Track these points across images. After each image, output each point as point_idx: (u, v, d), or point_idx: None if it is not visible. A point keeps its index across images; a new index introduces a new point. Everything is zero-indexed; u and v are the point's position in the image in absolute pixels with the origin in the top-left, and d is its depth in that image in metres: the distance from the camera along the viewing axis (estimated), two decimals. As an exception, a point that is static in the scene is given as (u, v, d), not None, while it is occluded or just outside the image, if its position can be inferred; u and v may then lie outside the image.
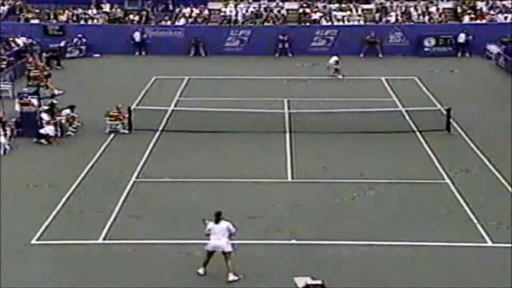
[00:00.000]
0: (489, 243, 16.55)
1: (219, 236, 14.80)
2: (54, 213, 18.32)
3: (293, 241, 16.58)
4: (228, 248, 14.85)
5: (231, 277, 14.76)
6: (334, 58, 34.61)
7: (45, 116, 24.84)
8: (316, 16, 41.99)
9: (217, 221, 14.94)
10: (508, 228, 17.19)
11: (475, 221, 17.71)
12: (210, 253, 14.98)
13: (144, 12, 42.67)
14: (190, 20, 42.36)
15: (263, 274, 15.11)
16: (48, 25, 41.12)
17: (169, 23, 42.12)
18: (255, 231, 17.10)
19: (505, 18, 41.33)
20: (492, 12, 41.91)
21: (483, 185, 20.26)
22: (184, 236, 16.82)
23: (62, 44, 39.25)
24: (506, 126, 25.82)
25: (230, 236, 14.96)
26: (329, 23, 41.49)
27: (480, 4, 42.42)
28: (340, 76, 33.92)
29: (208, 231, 14.99)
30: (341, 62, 34.26)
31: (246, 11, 42.71)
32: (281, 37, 39.82)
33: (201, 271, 15.07)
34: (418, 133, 24.88)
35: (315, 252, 16.10)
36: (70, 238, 16.86)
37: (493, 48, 38.11)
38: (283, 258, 15.80)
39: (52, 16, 42.40)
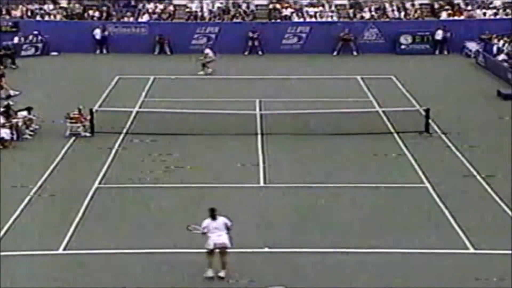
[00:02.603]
0: (471, 250, 16.72)
1: (219, 233, 14.94)
2: (10, 222, 18.08)
3: (266, 249, 16.59)
4: (229, 244, 15.02)
5: (223, 273, 14.92)
6: (207, 51, 34.71)
7: (1, 119, 24.53)
8: (287, 12, 42.13)
9: (213, 217, 15.07)
10: (490, 234, 17.40)
11: (456, 226, 17.88)
12: (212, 252, 15.03)
13: (104, 8, 42.40)
14: (154, 16, 42.20)
15: (235, 284, 15.08)
16: (1, 21, 40.61)
17: (132, 19, 41.91)
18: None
19: (484, 14, 41.90)
20: (470, 7, 42.44)
21: (464, 189, 20.47)
22: (151, 245, 16.73)
23: (16, 40, 38.78)
24: (486, 126, 26.19)
25: (228, 230, 15.11)
26: (301, 20, 41.65)
27: (457, 0, 42.93)
28: (201, 72, 33.87)
29: (204, 229, 15.07)
30: (230, 59, 34.25)
31: (213, 6, 42.68)
32: (250, 34, 39.87)
33: (210, 273, 15.02)
34: (396, 135, 25.08)
35: (289, 261, 16.11)
36: (28, 248, 16.64)
37: (472, 46, 38.59)
38: (256, 267, 15.79)
39: (4, 12, 41.87)
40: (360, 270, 15.73)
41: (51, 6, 42.63)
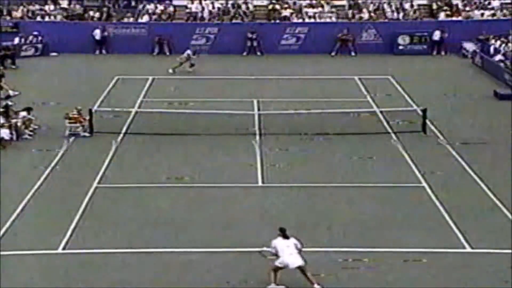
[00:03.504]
0: (468, 249, 16.70)
1: (291, 251, 14.81)
2: (9, 221, 18.06)
3: (265, 249, 16.54)
4: (302, 262, 14.82)
5: (317, 286, 14.76)
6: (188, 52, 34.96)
7: (0, 119, 24.48)
8: (286, 12, 42.10)
9: (285, 236, 14.99)
10: (487, 234, 17.37)
11: (453, 226, 17.87)
12: (279, 269, 14.82)
13: (105, 9, 42.36)
14: (154, 17, 42.17)
15: (236, 283, 15.05)
16: (2, 21, 40.58)
17: (131, 20, 41.88)
18: (224, 238, 17.05)
19: (482, 14, 41.88)
20: (468, 8, 42.41)
21: (460, 188, 20.45)
22: (150, 244, 16.71)
23: (16, 41, 38.77)
24: (483, 126, 26.18)
25: (299, 252, 15.00)
26: (300, 20, 41.63)
27: (455, 1, 42.90)
28: (170, 70, 34.09)
29: (273, 249, 14.91)
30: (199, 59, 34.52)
31: (213, 7, 42.67)
32: (249, 34, 39.85)
33: (273, 286, 14.78)
34: (393, 135, 25.06)
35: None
36: (27, 248, 16.61)
37: (469, 46, 38.57)
38: (256, 267, 15.74)
39: (5, 12, 41.84)
40: (358, 269, 15.68)
41: (52, 7, 42.59)
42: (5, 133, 23.99)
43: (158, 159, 22.72)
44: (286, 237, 15.01)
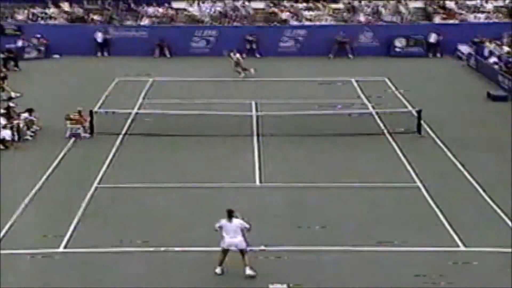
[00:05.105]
0: (462, 247, 16.72)
1: (233, 234, 15.14)
2: (11, 221, 18.06)
3: (263, 247, 16.57)
4: (243, 245, 15.19)
5: (248, 271, 15.08)
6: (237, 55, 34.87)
7: (2, 120, 24.51)
8: (284, 15, 42.10)
9: (229, 218, 15.22)
10: (480, 232, 17.38)
11: (446, 225, 17.88)
12: (225, 251, 15.24)
13: (106, 12, 42.35)
14: (154, 20, 42.17)
15: (236, 282, 15.05)
16: (5, 24, 40.59)
17: (132, 23, 41.86)
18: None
19: (476, 17, 41.88)
20: (462, 11, 42.42)
21: (454, 188, 20.46)
22: (149, 244, 16.70)
23: (19, 44, 38.79)
24: (476, 127, 26.21)
25: (243, 232, 15.27)
26: (298, 23, 41.62)
27: (449, 4, 42.91)
28: (242, 75, 34.06)
29: (218, 227, 15.29)
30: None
31: (214, 11, 42.63)
32: (248, 37, 39.85)
33: (218, 270, 15.26)
34: (388, 136, 25.07)
35: (287, 259, 16.08)
36: (28, 247, 16.61)
37: (464, 49, 38.60)
38: (255, 266, 15.72)
39: (8, 15, 41.84)
40: (354, 267, 15.72)
41: (54, 10, 42.58)
42: (7, 134, 24.01)
43: (157, 160, 22.72)
44: (230, 219, 15.24)
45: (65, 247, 16.69)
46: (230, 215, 15.33)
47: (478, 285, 14.95)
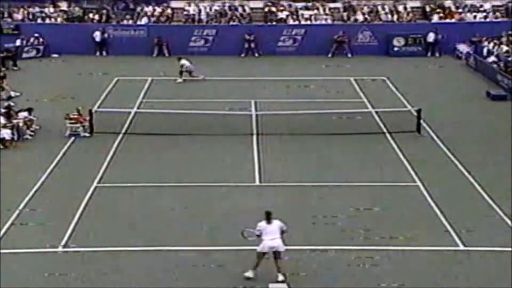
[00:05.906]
0: (461, 247, 16.70)
1: (273, 236, 14.84)
2: (11, 220, 18.02)
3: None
4: (283, 248, 14.92)
5: (281, 277, 14.80)
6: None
7: (1, 119, 24.46)
8: (282, 15, 42.08)
9: (268, 220, 15.00)
10: (479, 232, 17.37)
11: (446, 224, 17.87)
12: (263, 254, 14.94)
13: (104, 11, 42.31)
14: (152, 19, 42.12)
15: (236, 282, 15.03)
16: (3, 24, 40.52)
17: (131, 22, 41.82)
18: (223, 236, 17.02)
19: (475, 17, 41.91)
20: (461, 10, 42.43)
21: (454, 187, 20.46)
22: (149, 243, 16.67)
23: (18, 43, 38.73)
24: (475, 126, 26.21)
25: (283, 234, 15.04)
26: (296, 22, 41.60)
27: (447, 3, 42.92)
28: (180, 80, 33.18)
29: (258, 232, 14.99)
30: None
31: (210, 9, 42.62)
32: (247, 36, 39.83)
33: (250, 274, 14.88)
34: (388, 135, 25.06)
35: (287, 258, 16.02)
36: (28, 246, 16.57)
37: (463, 48, 38.60)
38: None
39: (6, 15, 41.76)
40: (354, 267, 15.68)
41: (52, 9, 42.52)
42: (6, 133, 23.96)
43: (157, 159, 22.68)
44: (269, 221, 15.00)
45: (64, 247, 16.64)
46: (268, 216, 15.06)
47: (478, 285, 14.94)
